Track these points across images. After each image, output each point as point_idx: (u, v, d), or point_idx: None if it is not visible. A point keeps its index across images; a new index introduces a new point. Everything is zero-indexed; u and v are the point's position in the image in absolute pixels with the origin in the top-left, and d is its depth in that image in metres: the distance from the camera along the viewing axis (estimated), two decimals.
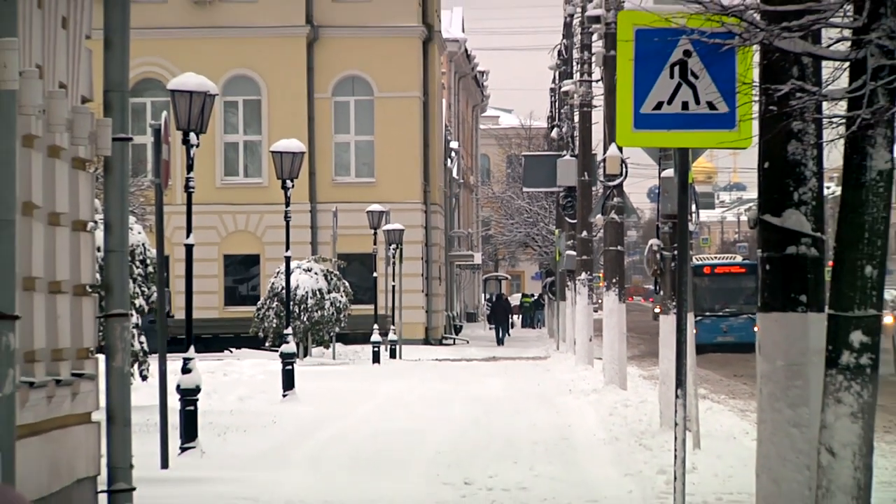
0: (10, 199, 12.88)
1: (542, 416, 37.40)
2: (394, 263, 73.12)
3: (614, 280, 47.67)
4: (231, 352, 69.06)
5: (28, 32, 13.82)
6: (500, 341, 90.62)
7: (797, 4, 14.86)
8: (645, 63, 17.42)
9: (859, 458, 14.70)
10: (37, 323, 14.79)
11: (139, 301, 34.40)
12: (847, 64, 14.74)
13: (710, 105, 17.45)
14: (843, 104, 14.85)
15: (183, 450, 28.18)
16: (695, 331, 63.31)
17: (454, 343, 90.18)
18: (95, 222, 18.42)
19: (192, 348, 29.62)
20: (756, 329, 15.08)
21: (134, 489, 17.87)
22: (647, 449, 28.24)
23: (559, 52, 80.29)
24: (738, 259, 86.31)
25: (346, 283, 67.52)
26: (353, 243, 75.76)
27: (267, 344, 64.58)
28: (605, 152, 45.69)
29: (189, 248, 31.43)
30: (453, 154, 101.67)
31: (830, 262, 15.15)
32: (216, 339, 72.87)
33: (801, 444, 15.59)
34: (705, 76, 17.33)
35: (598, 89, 52.49)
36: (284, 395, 42.90)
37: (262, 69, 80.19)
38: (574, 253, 60.77)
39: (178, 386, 28.32)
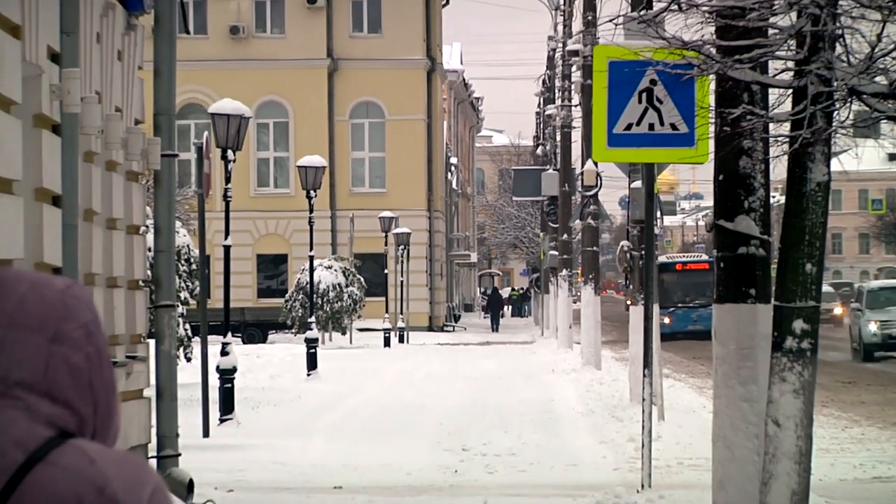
0: (74, 207, 13.00)
1: (529, 392, 37.35)
2: (402, 262, 73.00)
3: (591, 276, 47.66)
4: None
5: (89, 64, 13.92)
6: (495, 328, 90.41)
7: (747, 40, 14.96)
8: (617, 90, 17.50)
9: (801, 429, 14.80)
10: (104, 315, 14.88)
11: (184, 294, 34.41)
12: (790, 91, 14.82)
13: (673, 126, 17.51)
14: (787, 125, 14.95)
15: (222, 421, 28.18)
16: (669, 320, 62.07)
17: (454, 330, 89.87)
18: (146, 226, 18.51)
19: (229, 334, 29.78)
20: (667, 316, 15.08)
21: (179, 455, 17.99)
22: (619, 420, 28.25)
23: (543, 81, 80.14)
24: (706, 257, 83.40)
25: (361, 279, 67.29)
26: (366, 244, 75.55)
27: (293, 330, 64.40)
28: (583, 167, 45.61)
29: (227, 248, 31.47)
30: (453, 168, 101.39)
31: (775, 261, 15.26)
32: (250, 326, 72.96)
33: (751, 416, 15.67)
34: (669, 101, 17.40)
35: (577, 113, 52.37)
36: (308, 375, 42.81)
37: (289, 95, 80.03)
38: (556, 253, 60.63)
39: (217, 366, 28.36)
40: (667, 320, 61.25)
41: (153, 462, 17.35)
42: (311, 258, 48.40)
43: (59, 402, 3.50)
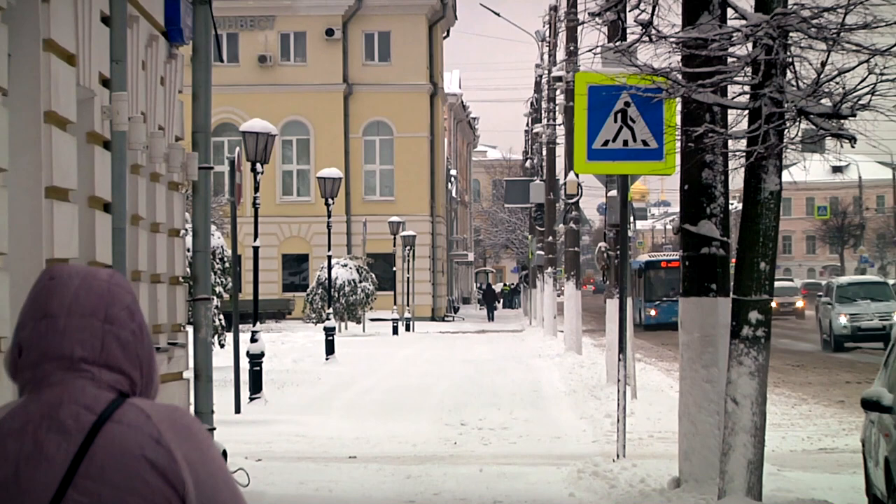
0: (122, 213, 12.97)
1: (519, 374, 37.35)
2: (408, 260, 73.04)
3: (572, 273, 47.62)
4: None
5: (135, 88, 13.91)
6: (490, 318, 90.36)
7: (709, 67, 14.93)
8: (595, 111, 17.49)
9: (756, 406, 14.78)
10: (144, 304, 14.86)
11: (218, 289, 34.42)
12: (747, 111, 14.80)
13: (644, 142, 17.51)
14: (744, 141, 14.92)
15: (251, 399, 28.18)
16: (655, 312, 61.29)
17: (453, 320, 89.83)
18: (185, 229, 18.49)
19: (258, 323, 29.77)
20: (653, 308, 15.06)
21: (214, 429, 17.98)
22: (597, 399, 28.23)
23: (531, 104, 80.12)
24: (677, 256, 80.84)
25: (373, 275, 67.37)
26: (377, 245, 75.57)
27: (313, 320, 64.41)
28: (565, 178, 45.61)
29: (255, 249, 31.43)
30: (452, 179, 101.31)
31: (734, 260, 15.24)
32: (276, 315, 73.23)
33: (712, 395, 15.65)
34: (640, 121, 17.39)
35: (561, 131, 52.34)
36: (327, 359, 42.83)
37: (310, 115, 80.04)
38: (542, 253, 60.60)
39: (247, 352, 28.36)
40: (653, 312, 60.43)
41: None
42: (329, 258, 48.61)
43: (115, 370, 3.93)
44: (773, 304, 55.88)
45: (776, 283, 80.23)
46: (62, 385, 3.92)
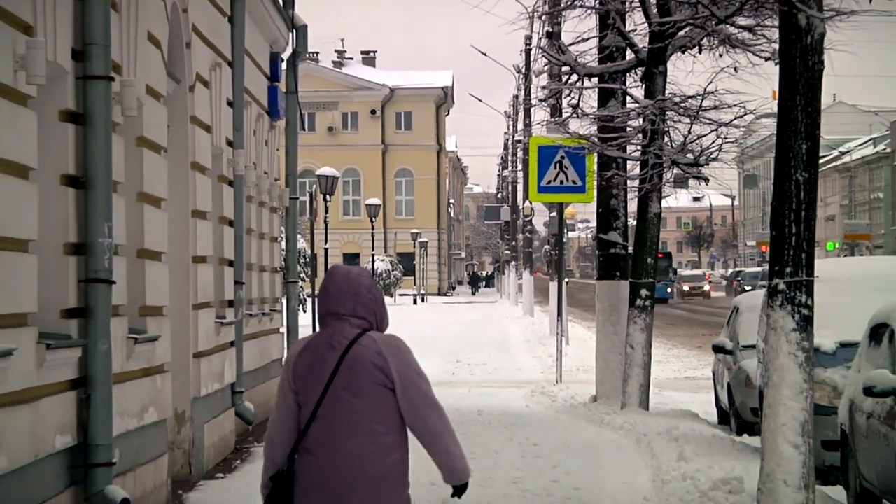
0: (241, 226, 12.99)
1: (494, 330, 37.32)
2: (423, 257, 73.21)
3: (528, 265, 47.82)
4: None
5: (249, 147, 13.95)
6: (474, 294, 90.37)
7: (615, 133, 14.94)
8: (542, 162, 17.51)
9: (645, 350, 14.81)
10: (255, 286, 14.89)
11: (302, 275, 34.45)
12: (639, 162, 14.81)
13: (574, 182, 17.51)
14: (637, 181, 14.93)
15: None
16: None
17: (451, 295, 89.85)
18: (280, 237, 18.49)
19: None
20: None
21: None
22: (544, 346, 28.22)
23: (501, 157, 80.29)
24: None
25: (401, 266, 67.84)
26: (403, 247, 76.21)
27: None
28: (523, 204, 45.66)
29: (325, 250, 31.57)
30: (451, 205, 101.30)
31: (630, 258, 15.23)
32: None
33: (617, 343, 15.67)
34: (571, 168, 17.39)
35: (521, 175, 52.39)
36: None
37: (360, 165, 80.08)
38: (508, 252, 60.79)
39: None
40: None
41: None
42: (373, 255, 48.85)
43: (360, 318, 5.00)
44: (686, 288, 55.26)
45: (690, 272, 77.98)
46: (333, 326, 4.98)
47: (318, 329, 5.06)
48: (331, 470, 4.77)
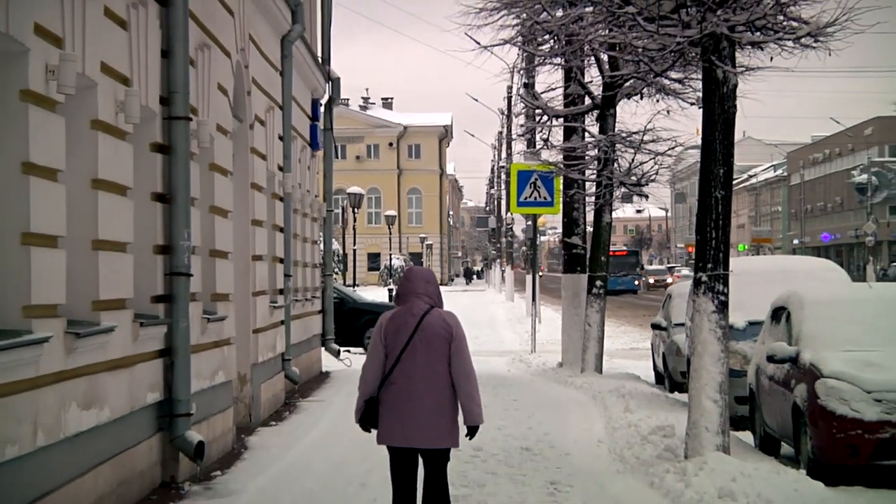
0: (289, 233, 12.97)
1: (483, 312, 37.07)
2: (429, 255, 73.15)
3: (509, 262, 47.69)
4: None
5: (296, 171, 13.91)
6: (468, 284, 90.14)
7: (576, 161, 14.91)
8: (521, 183, 17.40)
9: (599, 327, 14.76)
10: (300, 278, 14.86)
11: (336, 270, 34.40)
12: (595, 183, 14.79)
13: (545, 198, 17.39)
14: (593, 198, 14.91)
15: None
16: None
17: (450, 285, 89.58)
18: (318, 240, 18.47)
19: (356, 286, 29.59)
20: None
21: (334, 338, 17.97)
22: (521, 324, 28.18)
23: (489, 179, 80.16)
24: (624, 247, 70.10)
25: (412, 262, 67.49)
26: (414, 248, 75.92)
27: (383, 285, 64.38)
28: (506, 215, 45.66)
29: (354, 250, 31.50)
30: (450, 215, 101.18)
31: (589, 255, 15.17)
32: (362, 284, 73.20)
33: (578, 322, 15.62)
34: (542, 187, 17.29)
35: (504, 192, 52.30)
36: (390, 302, 42.55)
37: (380, 185, 79.68)
38: (495, 252, 60.69)
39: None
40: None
41: (321, 343, 17.29)
42: (391, 255, 48.74)
43: (429, 297, 5.63)
44: (652, 280, 52.59)
45: (654, 266, 73.70)
46: (412, 302, 5.59)
47: (404, 305, 5.68)
48: (409, 392, 5.43)
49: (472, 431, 5.53)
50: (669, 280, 72.32)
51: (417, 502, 5.55)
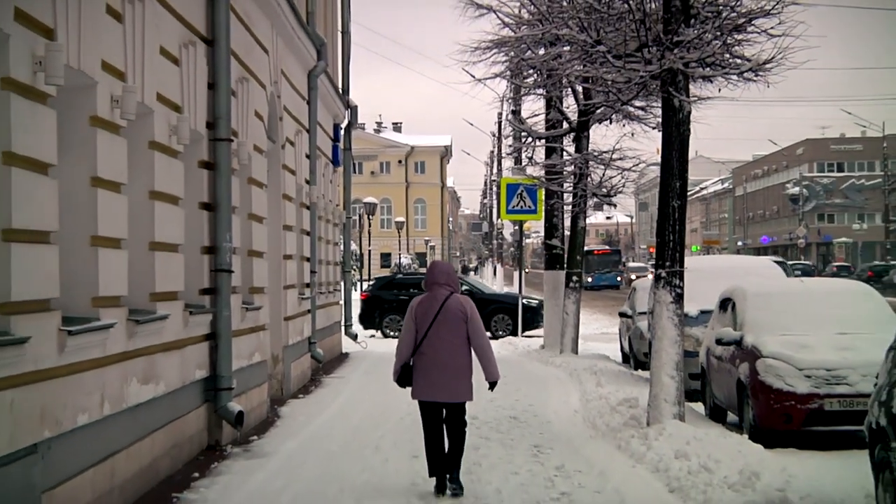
0: (314, 236, 12.93)
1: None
2: (431, 255, 72.99)
3: (500, 261, 47.54)
4: None
5: (320, 184, 13.88)
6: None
7: (556, 175, 14.89)
8: (509, 193, 17.32)
9: (575, 315, 14.73)
10: (323, 274, 14.79)
11: (354, 266, 34.39)
12: (572, 194, 14.77)
13: (530, 206, 17.32)
14: (570, 206, 14.88)
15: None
16: (590, 279, 46.83)
17: None
18: (339, 242, 18.44)
19: (367, 283, 29.45)
20: (590, 277, 14.73)
21: (351, 325, 17.85)
22: None
23: (483, 192, 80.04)
24: (608, 247, 64.05)
25: (418, 261, 67.57)
26: (419, 249, 75.83)
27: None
28: (497, 220, 45.54)
29: (369, 251, 31.45)
30: (450, 221, 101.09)
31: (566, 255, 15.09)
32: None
33: (557, 311, 15.54)
34: (528, 197, 17.22)
35: (495, 201, 52.20)
36: None
37: (391, 196, 79.46)
38: (488, 252, 60.52)
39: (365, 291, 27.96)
40: (589, 279, 48.34)
41: (342, 329, 17.21)
42: (400, 255, 48.47)
43: (450, 286, 6.00)
44: (633, 276, 49.58)
45: (635, 264, 69.50)
46: (436, 290, 5.98)
47: (429, 292, 6.04)
48: (435, 360, 5.97)
49: (492, 385, 6.07)
50: (649, 276, 69.70)
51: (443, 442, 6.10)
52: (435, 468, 6.01)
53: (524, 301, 19.87)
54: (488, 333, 19.34)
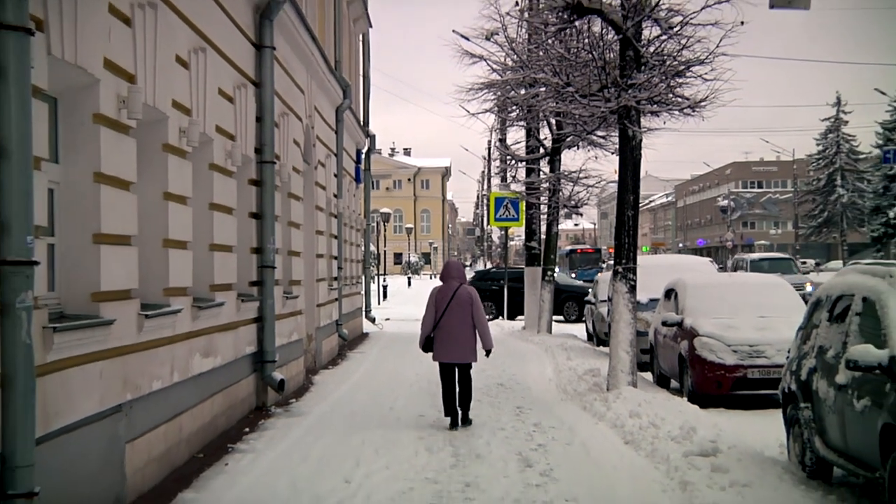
0: (340, 241, 12.86)
1: None
2: (434, 254, 72.83)
3: (489, 259, 47.23)
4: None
5: (345, 198, 13.84)
6: None
7: (534, 191, 14.85)
8: (497, 205, 17.15)
9: (550, 302, 14.66)
10: (348, 269, 14.70)
11: (373, 264, 34.16)
12: (547, 205, 14.74)
13: (513, 215, 17.11)
14: (545, 214, 14.87)
15: (379, 303, 27.60)
16: (574, 275, 40.19)
17: None
18: (360, 244, 18.33)
19: (386, 276, 29.22)
20: (573, 273, 14.56)
21: (370, 311, 17.73)
22: None
23: (476, 204, 79.95)
24: (588, 246, 57.45)
25: (423, 259, 67.38)
26: (425, 249, 75.54)
27: (404, 274, 64.04)
28: (487, 226, 45.38)
29: (384, 251, 31.35)
30: (449, 227, 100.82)
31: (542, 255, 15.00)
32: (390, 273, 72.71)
33: (535, 299, 15.43)
34: (512, 208, 17.06)
35: (486, 211, 51.92)
36: (409, 287, 41.86)
37: (402, 207, 78.99)
38: (480, 252, 60.29)
39: (384, 286, 27.77)
40: (573, 275, 40.58)
41: (363, 314, 17.07)
42: (409, 254, 48.24)
43: (460, 279, 6.27)
44: None
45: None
46: (449, 282, 6.37)
47: (444, 283, 6.53)
48: (449, 333, 6.55)
49: (487, 352, 6.71)
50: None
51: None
52: (449, 410, 6.73)
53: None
54: (561, 317, 19.50)
